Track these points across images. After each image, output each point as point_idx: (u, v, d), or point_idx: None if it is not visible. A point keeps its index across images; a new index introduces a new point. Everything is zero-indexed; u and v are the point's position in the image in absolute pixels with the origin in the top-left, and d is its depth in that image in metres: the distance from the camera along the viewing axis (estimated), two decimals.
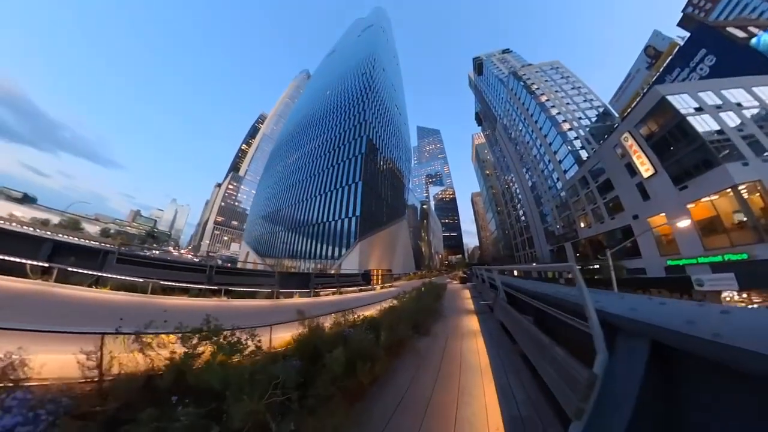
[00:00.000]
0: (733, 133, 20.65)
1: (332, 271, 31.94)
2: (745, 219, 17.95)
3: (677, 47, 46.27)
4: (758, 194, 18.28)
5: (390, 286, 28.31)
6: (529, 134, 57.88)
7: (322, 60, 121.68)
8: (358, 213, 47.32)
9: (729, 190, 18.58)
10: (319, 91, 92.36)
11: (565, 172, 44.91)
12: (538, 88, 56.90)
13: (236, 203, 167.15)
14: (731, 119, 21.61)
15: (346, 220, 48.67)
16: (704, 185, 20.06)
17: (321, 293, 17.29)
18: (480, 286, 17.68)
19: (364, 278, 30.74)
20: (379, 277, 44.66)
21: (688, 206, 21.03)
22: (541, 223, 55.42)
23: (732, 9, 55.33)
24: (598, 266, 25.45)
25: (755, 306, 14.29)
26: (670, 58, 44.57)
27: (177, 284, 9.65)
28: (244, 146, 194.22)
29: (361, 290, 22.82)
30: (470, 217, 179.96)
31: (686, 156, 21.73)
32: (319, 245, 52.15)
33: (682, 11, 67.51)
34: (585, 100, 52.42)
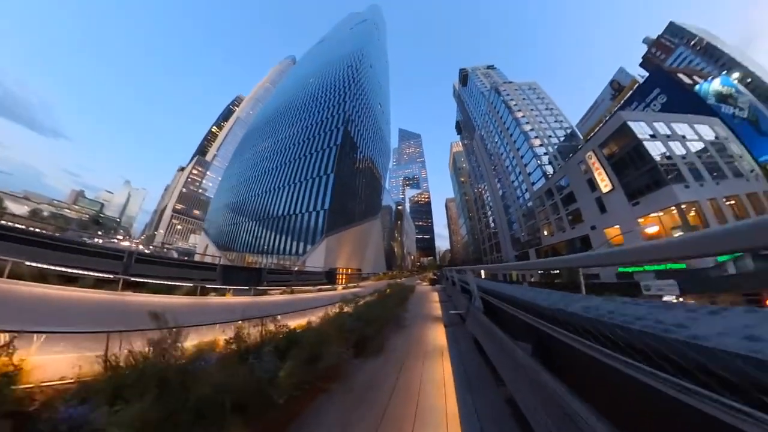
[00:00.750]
0: (678, 160, 23.22)
1: (295, 268, 29.82)
2: (683, 233, 20.15)
3: (637, 84, 51.81)
4: (694, 213, 20.75)
5: (355, 287, 26.22)
6: (504, 146, 60.88)
7: (311, 48, 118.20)
8: (326, 206, 44.93)
9: (673, 207, 20.82)
10: (302, 78, 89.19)
11: (533, 184, 47.74)
12: (515, 105, 60.12)
13: (200, 191, 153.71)
14: (677, 148, 24.31)
15: (314, 214, 46.05)
16: (654, 202, 22.29)
17: (270, 292, 15.03)
18: (450, 289, 17.07)
19: (328, 277, 29.05)
20: (345, 276, 42.80)
21: (639, 220, 23.20)
22: (509, 230, 58.37)
23: (681, 61, 65.65)
24: (558, 271, 27.10)
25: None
26: (630, 92, 49.64)
27: (54, 269, 7.07)
28: (214, 128, 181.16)
29: (320, 290, 20.97)
30: (443, 222, 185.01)
31: (640, 176, 24.01)
32: (283, 239, 49.03)
33: (642, 57, 77.01)
34: (556, 121, 56.36)
